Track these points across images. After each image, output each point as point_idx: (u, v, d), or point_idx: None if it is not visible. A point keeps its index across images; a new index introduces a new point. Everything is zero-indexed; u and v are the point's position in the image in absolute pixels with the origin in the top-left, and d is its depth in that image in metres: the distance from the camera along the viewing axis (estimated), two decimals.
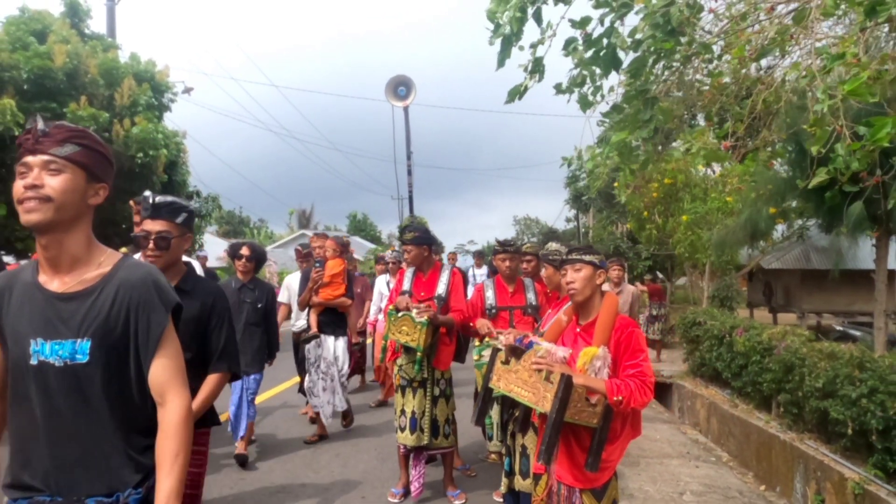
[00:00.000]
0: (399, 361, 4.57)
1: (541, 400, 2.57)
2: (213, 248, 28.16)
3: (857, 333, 11.37)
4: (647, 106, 3.02)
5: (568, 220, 41.67)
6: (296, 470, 5.38)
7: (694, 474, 5.53)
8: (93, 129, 10.15)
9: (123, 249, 5.66)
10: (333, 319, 6.12)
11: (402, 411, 4.52)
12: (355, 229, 53.41)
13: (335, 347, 6.12)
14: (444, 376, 4.53)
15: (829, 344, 6.37)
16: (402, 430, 4.50)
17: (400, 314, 4.33)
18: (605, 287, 7.77)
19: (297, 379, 8.08)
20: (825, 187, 6.62)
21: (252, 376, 5.46)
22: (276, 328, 5.65)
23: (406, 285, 4.64)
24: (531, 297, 4.56)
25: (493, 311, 4.49)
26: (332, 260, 6.11)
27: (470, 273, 12.76)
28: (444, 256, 12.72)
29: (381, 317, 7.43)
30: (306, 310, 6.20)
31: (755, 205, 8.95)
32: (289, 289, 6.82)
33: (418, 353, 4.26)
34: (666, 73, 3.23)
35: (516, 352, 2.79)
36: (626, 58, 2.94)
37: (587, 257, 2.83)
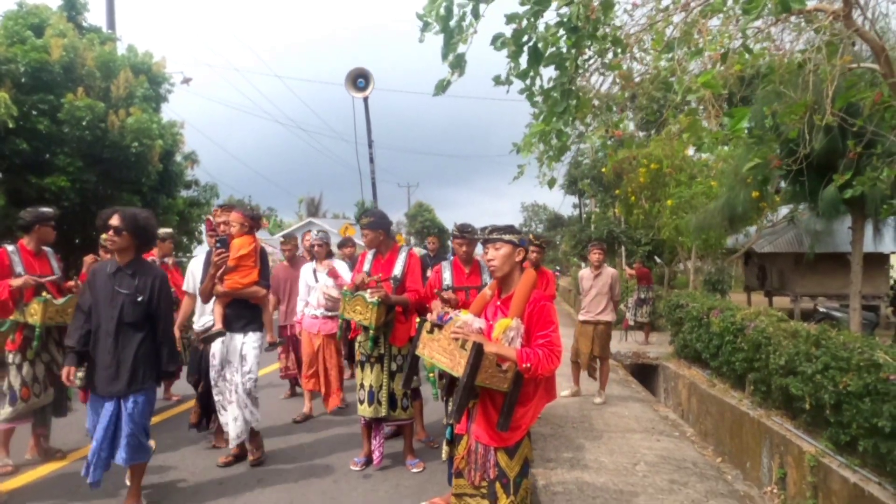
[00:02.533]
0: (358, 338, 4.83)
1: (456, 365, 2.81)
2: None
3: (839, 315, 11.48)
4: (563, 97, 3.21)
5: (574, 206, 41.80)
6: (266, 442, 5.62)
7: (653, 447, 5.73)
8: (88, 119, 10.44)
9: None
10: (242, 313, 4.88)
11: (361, 385, 4.78)
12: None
13: (241, 346, 4.86)
14: (400, 352, 4.76)
15: (794, 323, 6.54)
16: (362, 402, 4.77)
17: (355, 294, 4.58)
18: (585, 270, 7.94)
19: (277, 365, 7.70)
20: (803, 172, 6.77)
21: (131, 398, 3.90)
22: (169, 330, 4.17)
23: (366, 267, 4.88)
24: (486, 277, 4.77)
25: (450, 290, 4.70)
26: (238, 238, 4.85)
27: None
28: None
29: (313, 311, 6.47)
30: (211, 303, 5.01)
31: (733, 189, 9.08)
32: (193, 276, 5.43)
33: (371, 331, 4.51)
34: (586, 65, 3.42)
35: (438, 326, 3.04)
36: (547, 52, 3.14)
37: (506, 236, 3.05)
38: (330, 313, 6.31)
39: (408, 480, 4.70)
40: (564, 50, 3.17)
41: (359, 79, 10.00)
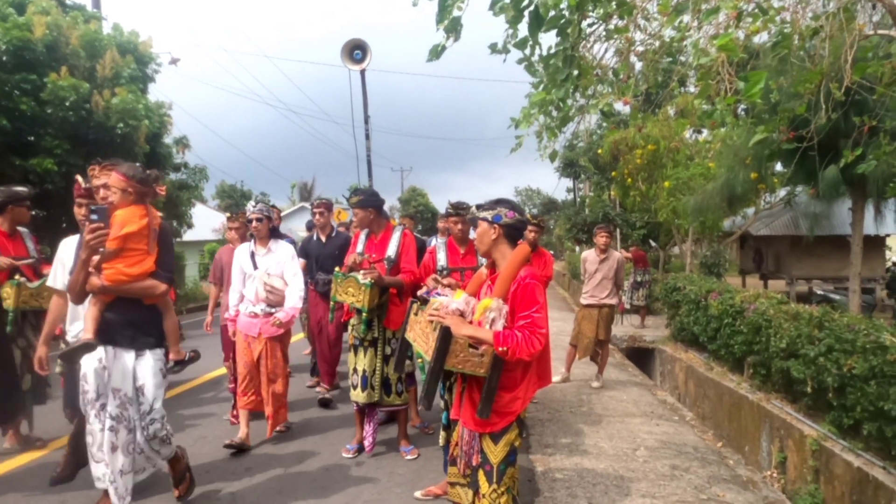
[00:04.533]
0: (352, 321, 4.66)
1: (430, 349, 2.69)
2: (209, 221, 28.31)
3: (837, 297, 11.42)
4: (565, 65, 3.04)
5: (568, 191, 41.66)
6: (254, 428, 5.47)
7: (653, 432, 5.62)
8: (73, 99, 10.16)
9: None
10: (131, 319, 3.40)
11: (355, 369, 4.62)
12: None
13: (135, 371, 3.40)
14: (395, 336, 4.60)
15: (794, 305, 6.43)
16: (355, 387, 4.62)
17: (347, 275, 4.41)
18: (589, 252, 7.75)
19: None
20: (808, 150, 6.61)
21: None
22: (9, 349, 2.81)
23: (359, 247, 4.71)
24: (483, 260, 4.61)
25: (445, 272, 4.54)
26: (123, 209, 3.35)
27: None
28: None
29: (251, 308, 4.99)
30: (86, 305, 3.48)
31: (732, 169, 8.95)
32: (62, 264, 3.82)
33: (364, 314, 4.35)
34: (589, 30, 3.24)
35: (424, 301, 2.90)
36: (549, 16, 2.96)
37: (481, 214, 2.91)
38: (273, 309, 4.96)
39: (402, 468, 4.57)
40: (567, 14, 2.98)
41: (355, 50, 9.67)
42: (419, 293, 2.97)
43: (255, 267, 5.02)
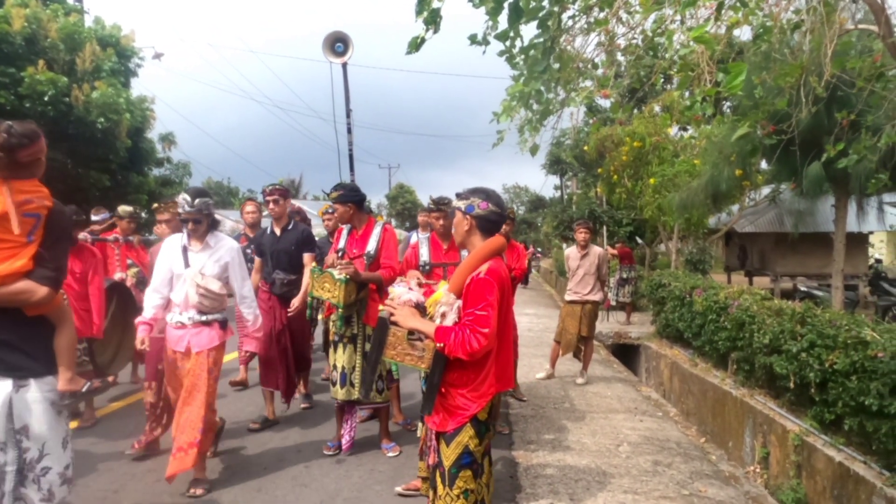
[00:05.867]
0: (332, 317, 4.59)
1: None
2: None
3: (821, 294, 11.50)
4: (543, 56, 3.00)
5: (556, 188, 41.72)
6: (235, 428, 5.39)
7: (636, 427, 5.62)
8: (51, 93, 10.02)
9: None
10: (5, 338, 2.47)
11: (334, 366, 4.57)
12: None
13: (14, 408, 2.46)
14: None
15: (778, 301, 6.45)
16: (334, 384, 4.56)
17: (324, 271, 4.34)
18: (570, 249, 7.71)
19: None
20: (788, 146, 6.63)
21: None
22: None
23: (341, 243, 4.65)
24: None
25: (427, 267, 4.51)
26: None
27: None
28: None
29: (177, 317, 4.02)
30: None
31: (717, 166, 8.98)
32: None
33: (339, 310, 4.28)
34: (570, 23, 3.20)
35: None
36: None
37: (455, 203, 2.88)
38: (205, 317, 4.04)
39: (383, 465, 4.51)
40: (547, 5, 2.94)
41: (337, 43, 9.53)
42: (390, 287, 2.95)
43: (187, 265, 4.03)
